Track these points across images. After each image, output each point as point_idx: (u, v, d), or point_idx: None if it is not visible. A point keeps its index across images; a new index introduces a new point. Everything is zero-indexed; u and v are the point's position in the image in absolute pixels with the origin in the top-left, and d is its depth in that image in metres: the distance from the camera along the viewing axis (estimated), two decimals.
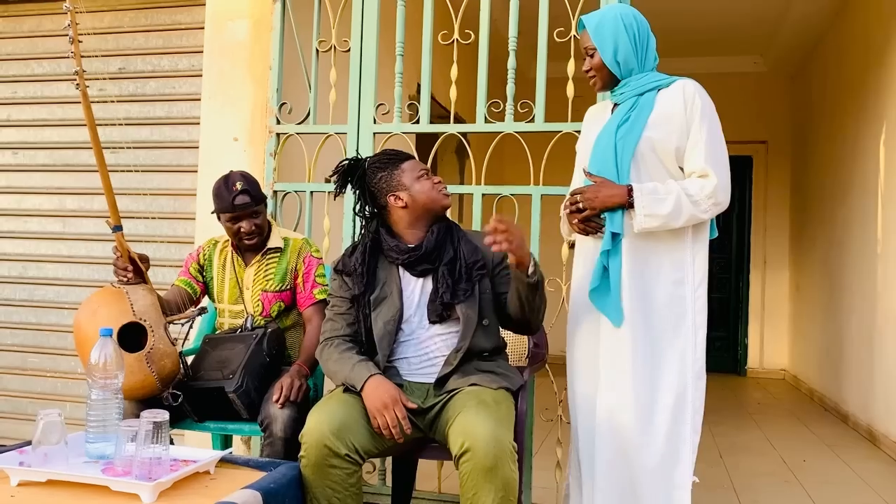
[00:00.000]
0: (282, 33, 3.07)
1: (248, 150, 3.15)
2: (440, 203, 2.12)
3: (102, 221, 3.57)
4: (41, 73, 3.78)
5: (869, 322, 4.69)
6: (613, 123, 2.10)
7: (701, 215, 2.01)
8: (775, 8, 5.77)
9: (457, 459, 1.81)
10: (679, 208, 1.98)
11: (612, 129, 2.09)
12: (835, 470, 3.85)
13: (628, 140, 2.04)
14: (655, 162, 2.05)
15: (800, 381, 6.69)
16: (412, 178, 2.11)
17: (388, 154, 2.18)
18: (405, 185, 2.10)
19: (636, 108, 2.07)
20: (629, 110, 2.08)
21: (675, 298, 2.06)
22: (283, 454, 2.13)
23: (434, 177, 2.15)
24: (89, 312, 2.19)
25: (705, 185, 2.00)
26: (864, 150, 4.95)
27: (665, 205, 1.98)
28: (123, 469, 1.67)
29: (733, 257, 7.46)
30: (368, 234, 2.17)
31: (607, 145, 2.08)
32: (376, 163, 2.15)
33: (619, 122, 2.08)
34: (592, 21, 2.13)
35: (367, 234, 2.18)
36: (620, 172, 2.05)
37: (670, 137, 2.04)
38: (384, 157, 2.16)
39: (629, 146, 2.04)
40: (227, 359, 2.31)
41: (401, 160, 2.15)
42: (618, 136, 2.06)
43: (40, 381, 3.71)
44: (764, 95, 7.26)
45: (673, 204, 1.98)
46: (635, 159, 2.04)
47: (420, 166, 2.15)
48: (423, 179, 2.11)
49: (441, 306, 2.06)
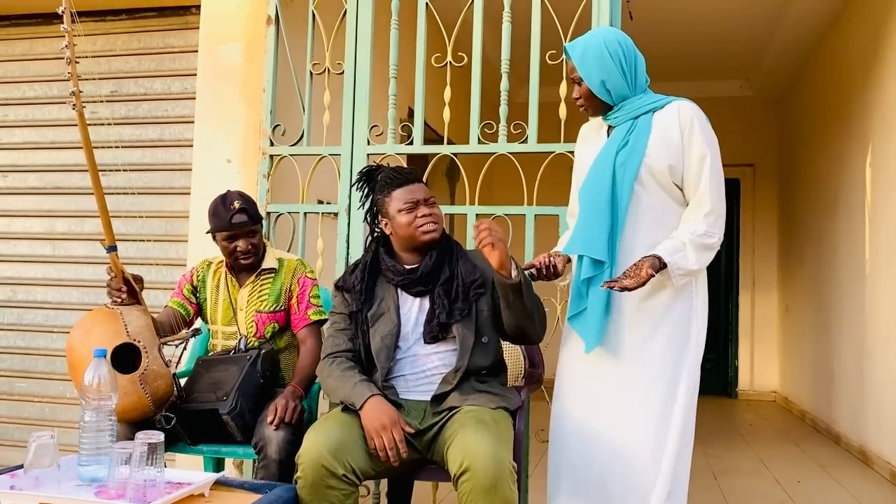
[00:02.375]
0: (275, 56, 3.08)
1: (242, 172, 3.14)
2: (419, 240, 2.08)
3: (93, 244, 3.59)
4: (32, 96, 3.78)
5: (859, 342, 4.71)
6: (612, 149, 2.07)
7: (718, 243, 2.02)
8: (761, 33, 5.86)
9: (456, 479, 1.79)
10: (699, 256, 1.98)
11: (610, 154, 2.06)
12: (829, 490, 3.84)
13: (629, 166, 2.02)
14: (656, 186, 2.05)
15: (791, 403, 6.70)
16: (396, 209, 2.08)
17: (393, 174, 2.14)
18: (391, 214, 2.10)
19: (634, 132, 2.05)
20: (627, 134, 2.06)
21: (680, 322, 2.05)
22: (277, 476, 2.10)
23: (421, 209, 2.08)
24: (83, 333, 2.17)
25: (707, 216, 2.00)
26: (850, 172, 5.01)
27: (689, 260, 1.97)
28: (117, 492, 1.65)
29: (722, 280, 7.49)
30: (369, 252, 2.17)
31: (604, 171, 2.05)
32: (383, 180, 2.15)
33: (618, 147, 2.05)
34: (577, 50, 2.08)
35: (368, 251, 2.18)
36: (618, 200, 2.03)
37: (666, 159, 2.02)
38: (388, 177, 2.14)
39: (630, 172, 2.02)
40: (220, 380, 2.29)
41: (397, 185, 2.11)
42: (617, 162, 2.04)
43: (28, 406, 3.66)
44: (751, 119, 7.35)
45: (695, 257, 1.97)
46: (638, 182, 2.03)
47: (408, 198, 2.08)
48: (404, 213, 2.07)
49: (437, 327, 2.05)
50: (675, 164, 2.03)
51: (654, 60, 2.45)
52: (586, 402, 2.10)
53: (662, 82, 2.18)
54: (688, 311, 2.06)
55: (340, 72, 2.99)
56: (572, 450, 2.11)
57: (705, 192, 2.01)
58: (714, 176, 2.02)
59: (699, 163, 2.02)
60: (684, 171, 2.04)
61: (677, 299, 2.05)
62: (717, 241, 2.01)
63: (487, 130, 2.83)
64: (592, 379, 2.09)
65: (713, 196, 2.01)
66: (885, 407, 4.19)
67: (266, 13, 3.10)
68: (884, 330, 4.27)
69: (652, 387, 2.02)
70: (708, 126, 2.07)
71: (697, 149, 2.02)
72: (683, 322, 2.05)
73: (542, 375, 2.53)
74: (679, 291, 2.04)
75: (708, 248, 2.00)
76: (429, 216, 2.09)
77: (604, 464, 2.04)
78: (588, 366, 2.10)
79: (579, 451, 2.09)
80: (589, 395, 2.10)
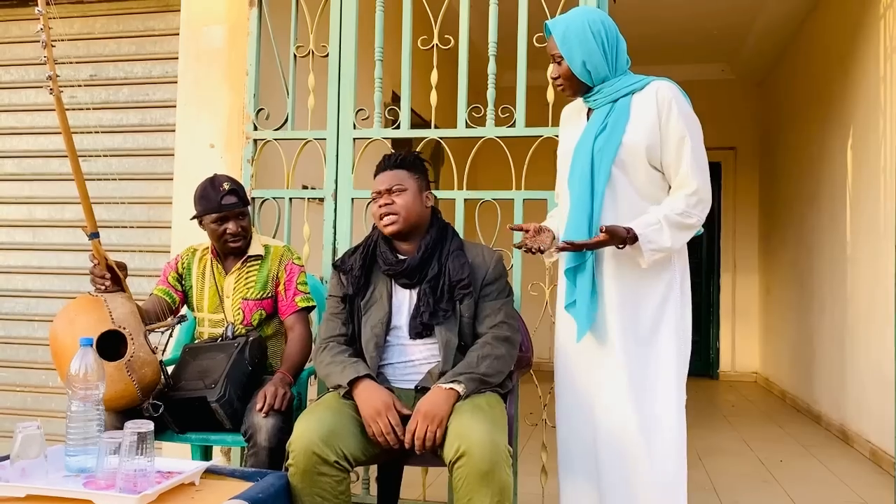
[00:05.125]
0: (258, 38, 3.04)
1: (225, 157, 3.10)
2: (384, 230, 2.10)
3: (73, 231, 3.53)
4: (9, 80, 3.69)
5: (840, 323, 4.77)
6: (591, 133, 2.06)
7: (698, 225, 2.01)
8: (742, 17, 5.87)
9: (451, 464, 1.79)
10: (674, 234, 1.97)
11: (589, 138, 2.06)
12: (811, 469, 3.90)
13: (606, 150, 2.01)
14: (634, 170, 2.03)
15: (771, 383, 6.78)
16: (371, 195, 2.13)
17: (381, 161, 2.16)
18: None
19: (612, 115, 2.04)
20: (605, 117, 2.05)
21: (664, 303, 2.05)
22: (267, 464, 2.09)
23: (382, 197, 2.09)
24: (66, 321, 2.14)
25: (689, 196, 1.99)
26: (831, 155, 5.05)
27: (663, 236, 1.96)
28: (107, 482, 1.63)
29: (703, 262, 7.56)
30: (372, 238, 2.16)
31: (584, 158, 2.05)
32: (382, 161, 2.16)
33: (597, 130, 2.05)
34: (559, 28, 2.05)
35: (371, 236, 2.18)
36: (596, 184, 2.02)
37: (645, 140, 2.01)
38: (384, 160, 2.15)
39: (608, 156, 2.01)
40: (208, 368, 2.26)
41: (377, 173, 2.13)
42: (595, 146, 2.03)
43: (10, 395, 3.61)
44: (732, 102, 7.38)
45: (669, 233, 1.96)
46: (617, 166, 2.02)
47: (375, 187, 2.11)
48: (373, 203, 2.12)
49: (421, 325, 2.05)
50: (653, 144, 2.01)
51: (635, 44, 2.44)
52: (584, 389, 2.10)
53: (644, 66, 2.17)
54: (670, 293, 2.05)
55: (325, 54, 2.95)
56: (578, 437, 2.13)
57: (688, 172, 1.99)
58: (695, 157, 2.00)
59: (678, 144, 2.00)
60: (662, 153, 2.02)
61: (659, 280, 2.04)
62: (697, 223, 2.00)
63: (475, 114, 2.81)
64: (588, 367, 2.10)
65: (697, 176, 1.99)
66: (865, 387, 4.25)
67: None
68: (864, 311, 4.32)
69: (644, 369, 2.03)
70: (688, 107, 2.06)
71: (676, 130, 2.00)
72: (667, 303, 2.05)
73: (532, 359, 2.53)
74: (660, 272, 2.04)
75: (685, 227, 1.98)
76: (383, 207, 2.09)
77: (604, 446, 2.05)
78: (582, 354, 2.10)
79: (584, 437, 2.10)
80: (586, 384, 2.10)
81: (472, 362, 1.99)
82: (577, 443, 2.13)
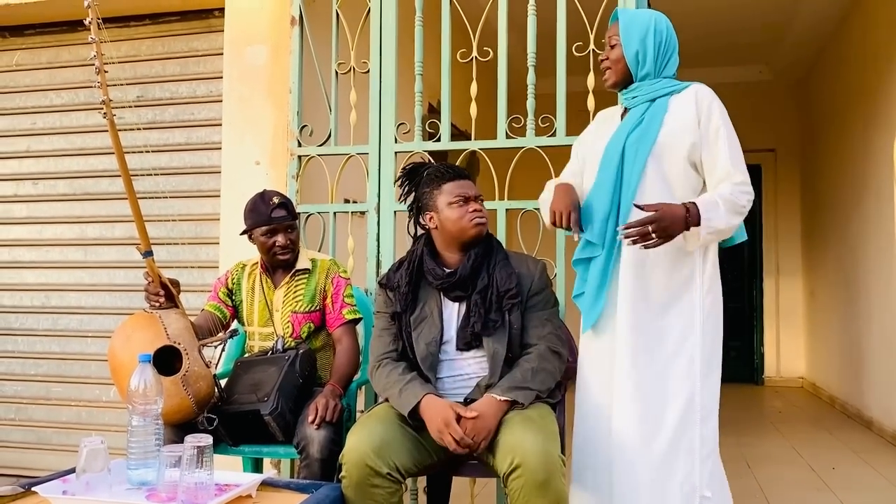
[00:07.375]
0: (300, 56, 3.09)
1: (270, 174, 3.16)
2: (467, 234, 2.09)
3: (124, 248, 3.62)
4: (60, 103, 3.81)
5: (890, 326, 4.66)
6: (625, 129, 2.10)
7: (745, 212, 2.00)
8: (779, 17, 5.80)
9: (506, 477, 1.80)
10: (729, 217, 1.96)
11: (622, 134, 2.09)
12: (864, 476, 3.81)
13: (642, 144, 2.04)
14: (672, 162, 2.05)
15: (819, 389, 6.65)
16: (445, 203, 2.10)
17: (443, 169, 2.17)
18: (438, 207, 2.11)
19: (649, 112, 2.08)
20: (642, 115, 2.09)
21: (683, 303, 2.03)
22: (320, 475, 2.12)
23: (471, 204, 2.11)
24: (123, 338, 2.20)
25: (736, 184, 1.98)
26: (875, 154, 4.95)
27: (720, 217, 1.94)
28: (168, 495, 1.67)
29: (745, 266, 7.45)
30: (416, 252, 2.17)
31: (614, 154, 2.08)
32: (431, 175, 2.16)
33: (631, 127, 2.08)
34: (626, 15, 2.16)
35: (414, 251, 2.18)
36: (626, 179, 2.05)
37: (685, 137, 2.03)
38: (439, 171, 2.16)
39: (643, 150, 2.04)
40: (260, 381, 2.30)
41: (447, 179, 2.13)
42: (628, 141, 2.06)
43: (65, 410, 3.71)
44: (770, 104, 7.28)
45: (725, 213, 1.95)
46: (653, 161, 2.04)
47: (458, 191, 2.10)
48: (454, 206, 2.09)
49: (471, 335, 2.06)
50: (695, 142, 2.03)
51: None
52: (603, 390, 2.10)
53: (681, 69, 2.21)
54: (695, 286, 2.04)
55: (366, 70, 2.99)
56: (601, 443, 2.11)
57: (732, 166, 2.00)
58: (737, 153, 2.03)
59: (720, 142, 2.02)
60: (703, 151, 2.04)
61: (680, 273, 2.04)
62: (746, 209, 1.99)
63: (515, 125, 2.82)
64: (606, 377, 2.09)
65: (741, 171, 2.01)
66: None
67: (290, 14, 3.11)
68: None
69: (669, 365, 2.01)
70: (724, 109, 2.09)
71: (717, 129, 2.03)
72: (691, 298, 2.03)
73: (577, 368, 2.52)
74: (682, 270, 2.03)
75: (737, 211, 1.97)
76: (479, 211, 2.11)
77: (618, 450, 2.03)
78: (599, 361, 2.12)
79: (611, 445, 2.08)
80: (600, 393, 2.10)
81: (527, 376, 2.00)
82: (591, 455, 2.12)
